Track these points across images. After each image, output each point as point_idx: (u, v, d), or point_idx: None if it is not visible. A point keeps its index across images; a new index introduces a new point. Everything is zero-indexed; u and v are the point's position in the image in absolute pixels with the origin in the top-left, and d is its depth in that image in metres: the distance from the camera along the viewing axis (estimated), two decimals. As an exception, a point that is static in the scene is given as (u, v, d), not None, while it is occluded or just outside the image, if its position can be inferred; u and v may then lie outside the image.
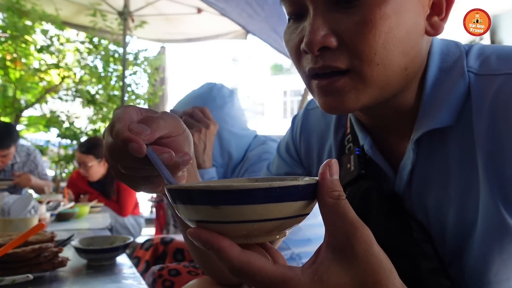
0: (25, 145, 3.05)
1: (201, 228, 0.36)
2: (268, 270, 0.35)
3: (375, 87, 0.50)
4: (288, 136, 0.82)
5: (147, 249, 1.64)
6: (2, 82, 4.55)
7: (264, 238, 0.37)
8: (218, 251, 0.35)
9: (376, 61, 0.48)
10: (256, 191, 0.34)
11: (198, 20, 4.21)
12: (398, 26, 0.47)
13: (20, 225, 1.27)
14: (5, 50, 4.41)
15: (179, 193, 0.37)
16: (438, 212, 0.54)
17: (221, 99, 1.32)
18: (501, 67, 0.50)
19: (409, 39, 0.49)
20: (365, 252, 0.35)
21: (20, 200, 1.43)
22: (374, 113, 0.59)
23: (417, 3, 0.50)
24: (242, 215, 0.34)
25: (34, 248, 0.88)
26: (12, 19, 4.13)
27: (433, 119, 0.52)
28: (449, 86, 0.53)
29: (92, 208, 2.26)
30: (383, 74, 0.49)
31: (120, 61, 4.82)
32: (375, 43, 0.47)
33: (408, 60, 0.50)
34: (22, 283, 0.83)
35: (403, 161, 0.57)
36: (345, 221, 0.36)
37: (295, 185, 0.35)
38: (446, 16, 0.52)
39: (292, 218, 0.36)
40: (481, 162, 0.49)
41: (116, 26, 4.50)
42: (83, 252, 1.06)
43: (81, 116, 5.20)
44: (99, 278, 0.95)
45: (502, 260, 0.49)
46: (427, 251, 0.54)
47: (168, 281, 1.21)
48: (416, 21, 0.50)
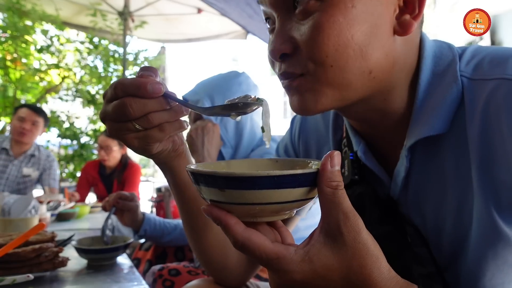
0: (48, 150, 3.08)
1: (213, 206, 0.41)
2: (266, 247, 0.39)
3: (333, 89, 0.49)
4: (287, 137, 0.82)
5: (147, 249, 1.64)
6: (2, 82, 4.55)
7: (268, 218, 0.42)
8: (225, 227, 0.40)
9: (329, 63, 0.47)
10: (255, 178, 0.37)
11: (198, 20, 4.21)
12: (350, 28, 0.46)
13: (20, 225, 1.27)
14: (5, 50, 4.42)
15: (194, 176, 0.42)
16: (435, 218, 0.53)
17: (246, 86, 1.38)
18: (493, 72, 0.49)
19: (369, 41, 0.48)
20: (353, 240, 0.39)
21: (20, 200, 1.43)
22: (361, 118, 0.58)
23: (379, 3, 0.48)
24: (245, 198, 0.38)
25: (34, 248, 0.88)
26: (12, 19, 4.13)
27: (427, 126, 0.51)
28: (442, 92, 0.52)
29: (92, 208, 2.27)
30: (339, 76, 0.48)
31: (120, 61, 4.83)
32: (325, 46, 0.47)
33: (372, 63, 0.48)
34: (22, 283, 0.83)
35: (396, 167, 0.56)
36: (339, 210, 0.39)
37: (292, 174, 0.38)
38: (419, 13, 0.50)
39: (293, 202, 0.40)
40: (474, 167, 0.48)
41: (116, 26, 4.51)
42: (83, 252, 1.06)
43: (81, 116, 5.20)
44: (99, 278, 0.95)
45: (496, 265, 0.49)
46: (422, 255, 0.54)
47: (168, 281, 1.21)
48: (376, 22, 0.48)
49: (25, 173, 2.75)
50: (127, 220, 1.42)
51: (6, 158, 2.72)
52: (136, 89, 0.47)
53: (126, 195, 1.41)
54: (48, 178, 2.84)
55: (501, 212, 0.47)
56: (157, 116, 0.49)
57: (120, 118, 0.48)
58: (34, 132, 2.75)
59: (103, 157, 2.99)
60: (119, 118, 0.48)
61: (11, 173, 2.72)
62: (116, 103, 0.48)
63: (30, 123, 2.71)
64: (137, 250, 1.68)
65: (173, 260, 1.59)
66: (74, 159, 5.00)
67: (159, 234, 1.50)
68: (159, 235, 1.51)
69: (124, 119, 0.48)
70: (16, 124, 2.69)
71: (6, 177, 2.69)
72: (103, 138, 3.01)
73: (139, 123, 0.48)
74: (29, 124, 2.70)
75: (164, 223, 1.53)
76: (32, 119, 2.71)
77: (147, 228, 1.47)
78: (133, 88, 0.47)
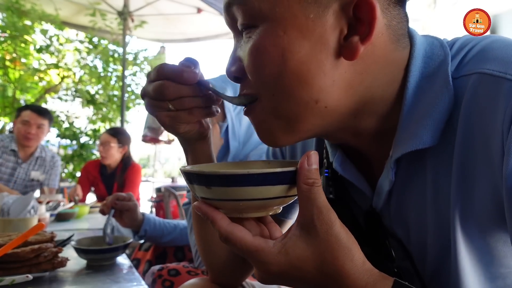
0: (53, 152, 3.06)
1: (203, 202, 0.44)
2: (247, 241, 0.42)
3: (282, 121, 0.47)
4: None
5: (147, 249, 1.64)
6: (2, 82, 4.55)
7: (254, 214, 0.45)
8: (212, 221, 0.43)
9: (270, 92, 0.46)
10: (237, 176, 0.40)
11: (198, 20, 4.22)
12: (282, 56, 0.43)
13: (19, 225, 1.27)
14: (4, 50, 4.41)
15: (186, 175, 0.45)
16: (418, 231, 0.51)
17: None
18: (473, 66, 0.45)
19: (307, 69, 0.43)
20: (325, 232, 0.41)
21: (19, 200, 1.43)
22: (339, 141, 0.55)
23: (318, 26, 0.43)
24: (229, 195, 0.42)
25: (33, 248, 0.88)
26: (12, 19, 4.13)
27: (414, 139, 0.46)
28: (432, 98, 0.46)
29: (92, 208, 2.26)
30: (284, 107, 0.46)
31: (120, 61, 4.82)
32: (260, 75, 0.45)
33: (315, 92, 0.44)
34: (21, 283, 0.83)
35: (380, 179, 0.52)
36: (313, 205, 0.41)
37: (272, 172, 0.41)
38: (370, 34, 0.43)
39: (275, 198, 0.43)
40: (454, 173, 0.45)
41: (116, 26, 4.51)
42: (83, 252, 1.06)
43: (80, 116, 5.20)
44: (99, 278, 0.95)
45: (480, 281, 0.47)
46: (405, 269, 0.52)
47: (167, 281, 1.21)
48: (315, 47, 0.43)
49: (33, 177, 2.72)
50: (126, 220, 1.42)
51: (15, 160, 2.69)
52: (174, 74, 0.53)
53: (123, 195, 1.41)
54: (49, 178, 2.84)
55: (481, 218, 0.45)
56: (189, 101, 0.54)
57: (157, 97, 0.54)
58: (40, 135, 2.69)
59: (101, 153, 2.97)
60: (156, 96, 0.54)
61: (19, 176, 2.69)
62: (156, 83, 0.54)
63: (35, 127, 2.63)
64: (137, 251, 1.68)
65: (173, 260, 1.59)
66: (74, 159, 5.00)
67: (159, 234, 1.50)
68: (159, 235, 1.51)
69: (161, 98, 0.54)
70: (21, 129, 2.61)
71: (14, 180, 2.66)
72: (104, 135, 3.02)
73: (173, 104, 0.54)
74: (34, 128, 2.62)
75: (164, 223, 1.53)
76: (37, 123, 2.64)
77: (147, 228, 1.47)
78: (172, 74, 0.53)
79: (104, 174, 3.03)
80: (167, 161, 12.95)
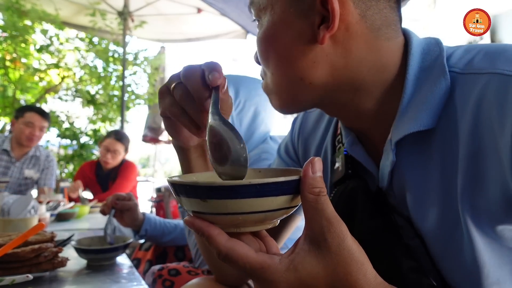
0: (47, 150, 3.09)
1: (196, 217, 0.41)
2: (250, 257, 0.39)
3: (275, 93, 0.58)
4: (288, 138, 0.84)
5: (147, 249, 1.64)
6: (2, 82, 4.55)
7: (252, 228, 0.41)
8: (208, 238, 0.39)
9: (270, 71, 0.57)
10: (237, 187, 0.36)
11: (198, 20, 4.22)
12: (274, 42, 0.54)
13: (20, 225, 1.27)
14: (4, 50, 4.41)
15: (174, 187, 0.41)
16: (415, 213, 0.53)
17: None
18: (486, 66, 0.49)
19: (291, 51, 0.53)
20: (338, 246, 0.38)
21: (20, 200, 1.43)
22: (339, 116, 0.62)
23: (296, 18, 0.52)
24: (227, 208, 0.38)
25: (34, 248, 0.88)
26: (12, 19, 4.13)
27: (414, 121, 0.51)
28: (430, 86, 0.52)
29: (92, 208, 2.26)
30: (276, 82, 0.57)
31: (120, 61, 4.82)
32: (262, 56, 0.57)
33: (301, 70, 0.53)
34: (22, 283, 0.83)
35: (382, 161, 0.57)
36: (322, 216, 0.38)
37: (274, 182, 0.37)
38: (333, 25, 0.50)
39: (277, 210, 0.39)
40: (462, 163, 0.48)
41: (116, 26, 4.50)
42: (83, 252, 1.06)
43: (80, 116, 5.19)
44: (99, 278, 0.95)
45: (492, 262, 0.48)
46: (414, 247, 0.54)
47: (168, 281, 1.21)
48: (295, 34, 0.53)
49: (27, 175, 2.74)
50: (127, 220, 1.42)
51: (8, 159, 2.71)
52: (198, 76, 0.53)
53: (123, 195, 1.41)
54: (45, 178, 2.85)
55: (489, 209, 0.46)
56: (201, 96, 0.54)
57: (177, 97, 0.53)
58: (41, 137, 2.77)
59: (107, 160, 2.96)
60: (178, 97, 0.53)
61: (13, 175, 2.71)
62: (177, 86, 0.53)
63: (38, 129, 2.71)
64: (137, 250, 1.69)
65: (173, 260, 1.59)
66: (74, 159, 5.00)
67: (160, 233, 1.50)
68: (159, 235, 1.51)
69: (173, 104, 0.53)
70: (25, 130, 2.66)
71: (8, 179, 2.68)
72: (111, 141, 2.97)
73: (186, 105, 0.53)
74: (37, 130, 2.71)
75: (164, 222, 1.54)
76: (41, 125, 2.72)
77: (147, 228, 1.47)
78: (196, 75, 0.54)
79: (100, 175, 3.04)
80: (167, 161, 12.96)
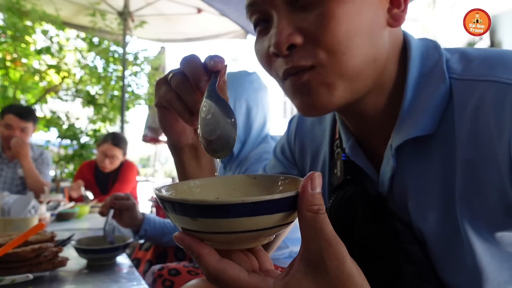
0: (41, 148, 3.05)
1: (185, 234, 0.38)
2: (242, 280, 0.36)
3: (345, 80, 0.49)
4: (284, 138, 0.82)
5: (147, 249, 1.64)
6: (2, 83, 4.55)
7: (245, 245, 0.39)
8: (197, 257, 0.37)
9: (341, 51, 0.48)
10: (230, 206, 0.33)
11: (198, 20, 4.21)
12: (359, 15, 0.48)
13: (20, 225, 1.27)
14: (5, 50, 4.41)
15: (162, 202, 0.38)
16: (416, 218, 0.53)
17: (258, 84, 1.42)
18: (484, 73, 0.49)
19: (373, 29, 0.50)
20: (337, 269, 0.35)
21: (20, 200, 1.43)
22: (359, 113, 0.58)
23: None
24: (219, 228, 0.35)
25: (34, 248, 0.88)
26: (12, 19, 4.13)
27: (415, 127, 0.51)
28: (429, 91, 0.52)
29: (92, 208, 2.27)
30: (351, 64, 0.49)
31: (120, 61, 4.82)
32: (337, 32, 0.47)
33: (376, 50, 0.51)
34: (22, 282, 0.83)
35: (382, 166, 0.57)
36: (321, 236, 0.35)
37: (270, 200, 0.34)
38: (405, 7, 0.53)
39: (272, 228, 0.36)
40: (460, 168, 0.48)
41: (116, 26, 4.50)
42: (83, 252, 1.06)
43: (81, 116, 5.19)
44: (99, 278, 0.95)
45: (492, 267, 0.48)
46: (414, 253, 0.54)
47: (168, 281, 1.21)
48: (376, 12, 0.50)
49: (21, 175, 2.72)
50: (126, 220, 1.42)
51: (1, 161, 2.69)
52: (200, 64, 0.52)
53: (121, 195, 1.41)
54: (40, 168, 2.82)
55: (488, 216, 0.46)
56: None
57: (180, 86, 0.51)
58: (24, 138, 2.67)
59: (105, 165, 2.91)
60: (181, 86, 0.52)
61: (7, 176, 2.69)
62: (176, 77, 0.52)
63: (18, 131, 2.63)
64: (137, 250, 1.68)
65: (173, 260, 1.59)
66: (74, 159, 5.00)
67: (159, 233, 1.50)
68: (159, 235, 1.51)
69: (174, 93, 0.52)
70: (5, 132, 2.61)
71: (3, 180, 2.67)
72: (108, 146, 2.92)
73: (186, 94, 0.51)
74: (17, 132, 2.63)
75: (164, 222, 1.53)
76: (20, 126, 2.63)
77: (147, 228, 1.47)
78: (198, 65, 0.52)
79: (98, 177, 3.01)
80: (167, 161, 12.96)
